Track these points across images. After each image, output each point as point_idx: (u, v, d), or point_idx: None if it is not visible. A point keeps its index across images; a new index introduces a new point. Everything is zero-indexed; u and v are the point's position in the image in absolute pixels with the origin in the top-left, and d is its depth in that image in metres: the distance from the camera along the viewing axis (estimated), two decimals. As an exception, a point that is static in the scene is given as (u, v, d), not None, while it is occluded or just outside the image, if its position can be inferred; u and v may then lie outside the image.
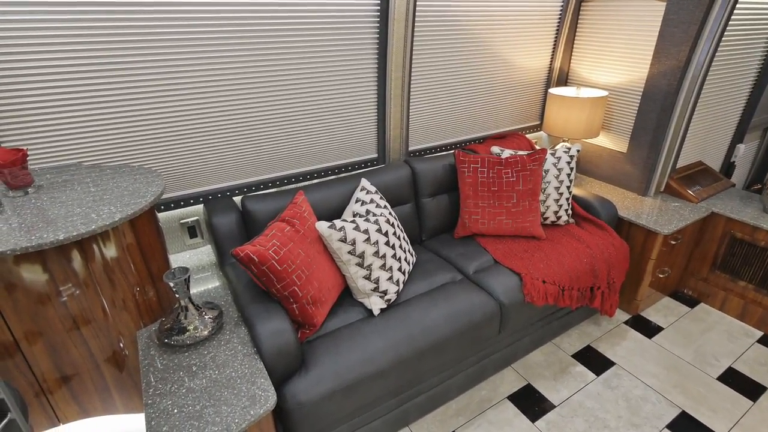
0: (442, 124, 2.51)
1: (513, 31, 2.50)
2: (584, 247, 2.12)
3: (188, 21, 1.58)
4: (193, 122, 1.75)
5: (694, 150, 2.74)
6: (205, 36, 1.64)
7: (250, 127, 1.89)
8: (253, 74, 1.80)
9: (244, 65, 1.76)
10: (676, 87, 2.27)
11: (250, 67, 1.78)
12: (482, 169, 2.15)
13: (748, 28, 2.51)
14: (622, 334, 2.36)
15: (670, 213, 2.36)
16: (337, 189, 1.98)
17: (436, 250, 2.19)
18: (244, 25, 1.69)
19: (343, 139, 2.19)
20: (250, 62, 1.77)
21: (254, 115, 1.88)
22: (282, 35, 1.80)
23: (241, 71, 1.77)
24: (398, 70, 2.12)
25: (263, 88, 1.85)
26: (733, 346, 2.28)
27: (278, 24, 1.77)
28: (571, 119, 2.49)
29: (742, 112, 2.92)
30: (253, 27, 1.72)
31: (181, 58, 1.62)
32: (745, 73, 2.73)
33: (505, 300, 1.84)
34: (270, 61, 1.82)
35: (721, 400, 1.96)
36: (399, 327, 1.62)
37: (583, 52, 2.69)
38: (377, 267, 1.68)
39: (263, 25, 1.73)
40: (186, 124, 1.74)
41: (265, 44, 1.77)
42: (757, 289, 2.35)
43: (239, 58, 1.74)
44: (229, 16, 1.65)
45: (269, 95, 1.88)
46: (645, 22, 2.32)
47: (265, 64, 1.81)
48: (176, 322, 1.41)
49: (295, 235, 1.55)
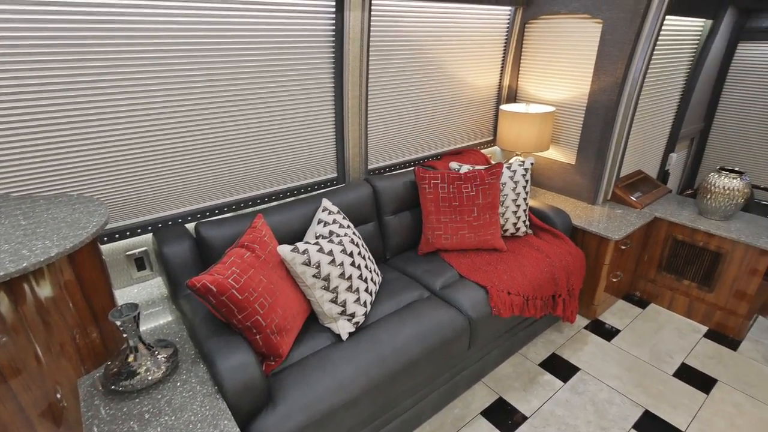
0: (400, 141, 2.52)
1: (463, 51, 2.58)
2: (544, 257, 2.17)
3: (129, 39, 1.49)
4: (139, 146, 1.64)
5: (634, 160, 2.93)
6: (149, 54, 1.55)
7: (203, 149, 1.80)
8: (206, 95, 1.72)
9: (196, 86, 1.68)
10: (615, 101, 2.42)
11: (203, 88, 1.70)
12: (442, 185, 2.17)
13: (673, 47, 2.75)
14: (583, 339, 2.43)
15: (618, 220, 2.49)
16: (298, 210, 1.91)
17: (402, 268, 2.16)
18: (193, 44, 1.62)
19: (302, 159, 2.13)
20: (203, 83, 1.70)
21: (207, 136, 1.79)
22: (235, 56, 1.74)
23: (193, 92, 1.68)
24: (355, 88, 2.12)
25: (217, 109, 1.77)
26: (684, 343, 2.41)
27: (231, 45, 1.71)
28: (523, 134, 2.59)
29: (672, 123, 3.18)
30: (203, 47, 1.65)
31: (125, 77, 1.52)
32: (672, 88, 2.98)
33: (473, 314, 1.83)
34: (224, 82, 1.75)
35: (679, 395, 2.05)
36: (369, 350, 1.56)
37: (530, 70, 2.82)
38: (344, 289, 1.62)
39: (214, 45, 1.67)
40: (132, 147, 1.63)
41: (217, 65, 1.70)
42: (700, 286, 2.51)
43: (190, 78, 1.66)
44: (175, 35, 1.58)
45: (223, 116, 1.80)
46: (585, 41, 2.48)
47: (218, 85, 1.74)
48: (124, 365, 1.27)
49: (256, 260, 1.46)
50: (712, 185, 2.42)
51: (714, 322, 2.51)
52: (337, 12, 1.94)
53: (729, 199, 2.37)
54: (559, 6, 2.52)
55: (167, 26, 1.55)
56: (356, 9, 1.94)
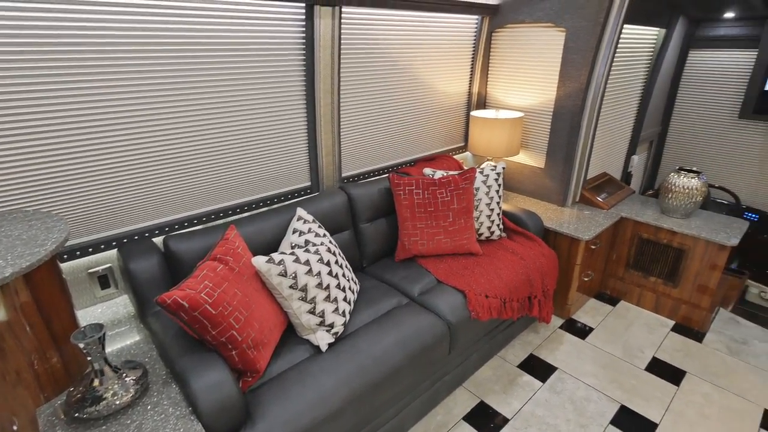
0: (374, 149, 2.52)
1: (433, 58, 2.62)
2: (518, 259, 2.21)
3: (93, 45, 1.42)
4: (101, 157, 1.56)
5: (599, 162, 3.03)
6: (106, 63, 1.48)
7: (170, 159, 1.73)
8: (172, 104, 1.66)
9: (162, 95, 1.62)
10: (580, 107, 2.51)
11: (169, 97, 1.64)
12: (417, 191, 2.17)
13: (632, 54, 2.88)
14: (559, 338, 2.47)
15: (587, 220, 2.57)
16: (272, 220, 1.87)
17: (379, 275, 2.14)
18: (154, 54, 1.57)
19: (275, 168, 2.09)
20: (169, 92, 1.64)
21: (175, 146, 1.73)
22: (202, 64, 1.69)
23: (159, 101, 1.62)
24: (327, 96, 2.10)
25: (184, 118, 1.71)
26: (653, 337, 2.49)
27: (197, 53, 1.66)
28: (493, 139, 2.64)
29: (633, 127, 3.32)
30: (166, 56, 1.60)
31: (82, 86, 1.45)
32: (632, 94, 3.12)
33: (453, 319, 1.83)
34: (191, 91, 1.69)
35: (651, 389, 2.11)
36: (349, 361, 1.53)
37: (498, 77, 2.89)
38: (321, 299, 1.59)
39: (178, 54, 1.62)
40: (93, 159, 1.55)
41: (183, 73, 1.65)
42: (665, 282, 2.61)
43: (155, 87, 1.60)
44: (133, 45, 1.52)
45: (192, 125, 1.75)
46: (549, 49, 2.56)
47: (185, 94, 1.68)
48: (89, 391, 1.19)
49: (230, 273, 1.41)
50: (672, 185, 2.53)
51: (680, 316, 2.61)
52: (307, 19, 1.93)
53: (689, 198, 2.48)
54: (523, 15, 2.60)
55: (126, 35, 1.49)
56: (326, 16, 1.93)
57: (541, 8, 2.51)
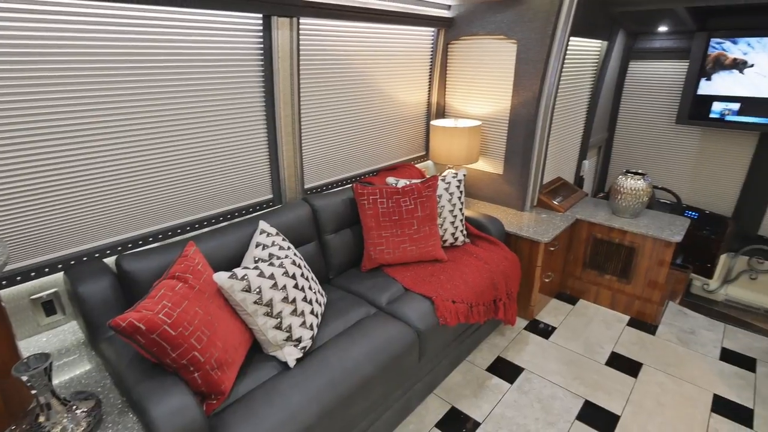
0: (336, 159, 2.51)
1: (392, 69, 2.66)
2: (482, 264, 2.25)
3: (40, 56, 1.34)
4: (46, 173, 1.46)
5: (554, 167, 3.17)
6: (60, 73, 1.40)
7: (124, 174, 1.65)
8: (127, 117, 1.58)
9: (117, 107, 1.54)
10: (534, 115, 2.62)
11: (124, 110, 1.57)
12: (381, 200, 2.18)
13: (579, 65, 3.04)
14: (524, 339, 2.54)
15: (545, 223, 2.66)
16: (234, 235, 1.81)
17: (346, 286, 2.12)
18: (111, 62, 1.50)
19: (235, 181, 2.03)
20: (124, 104, 1.56)
21: (130, 161, 1.64)
22: (158, 76, 1.63)
23: (113, 114, 1.54)
24: (287, 107, 2.08)
25: (140, 132, 1.64)
26: (611, 333, 2.60)
27: (152, 64, 1.60)
28: (453, 147, 2.70)
29: (582, 133, 3.50)
30: (123, 65, 1.53)
31: (30, 98, 1.35)
32: (581, 102, 3.29)
33: (421, 326, 1.84)
34: (146, 103, 1.62)
35: (612, 382, 2.20)
36: (319, 375, 1.50)
37: (455, 87, 2.97)
38: (288, 313, 1.55)
39: (131, 63, 1.55)
40: (35, 175, 1.44)
41: (136, 85, 1.58)
42: (619, 279, 2.75)
43: (110, 99, 1.52)
44: (92, 51, 1.44)
45: (148, 139, 1.67)
46: (503, 60, 2.66)
47: (141, 107, 1.61)
48: (34, 427, 1.10)
49: (190, 291, 1.35)
50: (621, 186, 2.68)
51: (634, 311, 2.75)
52: (264, 30, 1.91)
53: (636, 198, 2.64)
54: (477, 28, 2.70)
55: (73, 45, 1.41)
56: (284, 27, 1.92)
57: (493, 21, 2.61)
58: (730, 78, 3.06)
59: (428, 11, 2.65)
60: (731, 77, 3.06)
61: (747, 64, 2.97)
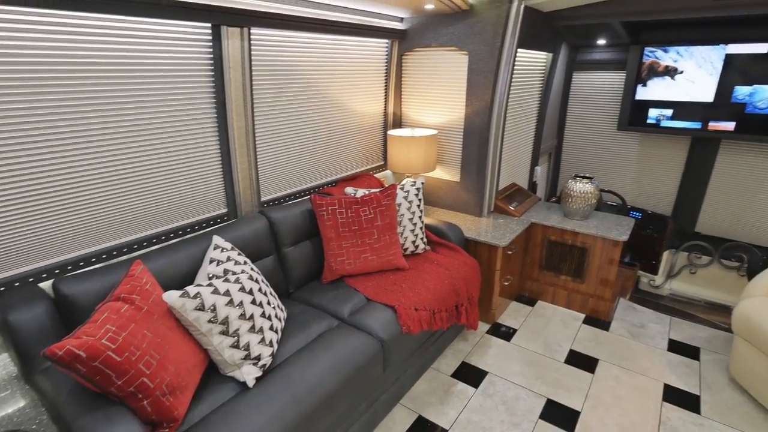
0: (294, 171, 2.47)
1: (348, 80, 2.66)
2: (443, 270, 2.27)
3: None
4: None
5: (508, 174, 3.27)
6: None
7: (62, 191, 1.53)
8: (66, 129, 1.48)
9: (55, 119, 1.44)
10: (487, 123, 2.70)
11: (63, 122, 1.47)
12: (340, 210, 2.16)
13: (527, 75, 3.18)
14: (487, 343, 2.58)
15: (502, 228, 2.74)
16: (185, 251, 1.73)
17: (307, 299, 2.08)
18: (49, 71, 1.40)
19: (186, 196, 1.95)
20: (63, 115, 1.46)
21: (68, 177, 1.54)
22: (102, 86, 1.54)
23: (51, 125, 1.44)
24: (240, 119, 2.03)
25: (81, 145, 1.54)
26: (568, 331, 2.70)
27: (98, 73, 1.51)
28: (411, 156, 2.73)
29: (533, 141, 3.64)
30: (64, 75, 1.43)
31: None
32: (530, 110, 3.43)
33: (385, 336, 1.82)
34: (89, 115, 1.53)
35: (571, 379, 2.27)
36: (280, 393, 1.44)
37: (411, 97, 3.02)
38: (245, 331, 1.49)
39: (77, 73, 1.46)
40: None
41: (78, 95, 1.49)
42: (573, 279, 2.86)
43: (46, 109, 1.42)
44: (28, 60, 1.34)
45: (90, 153, 1.57)
46: (455, 70, 2.74)
47: (82, 118, 1.51)
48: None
49: (137, 313, 1.27)
50: (571, 190, 2.81)
51: (588, 309, 2.87)
52: (213, 40, 1.86)
53: (585, 201, 2.77)
54: (429, 40, 2.76)
55: (6, 54, 1.31)
56: (234, 37, 1.88)
57: (445, 33, 2.69)
58: (663, 84, 3.31)
59: (381, 23, 2.69)
60: (664, 83, 3.31)
61: (677, 70, 3.22)
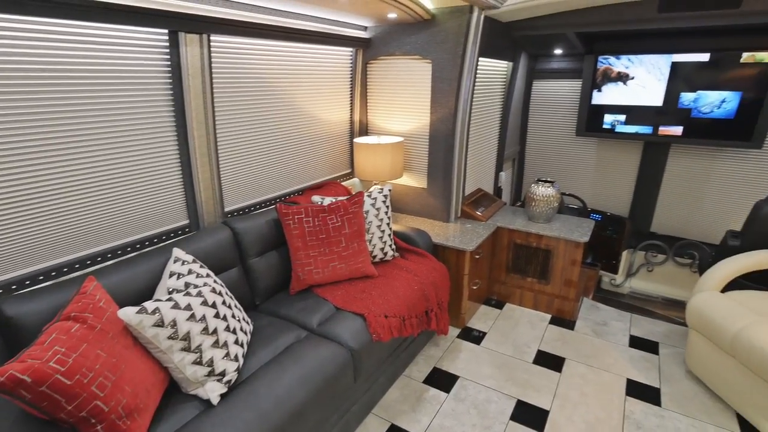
0: (258, 180, 2.42)
1: (313, 88, 2.65)
2: (413, 276, 2.28)
3: None
4: None
5: (474, 180, 3.33)
6: None
7: (3, 205, 1.44)
8: (13, 140, 1.40)
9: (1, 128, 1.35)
10: (452, 130, 2.75)
11: (7, 131, 1.38)
12: (307, 219, 2.13)
13: (489, 83, 3.26)
14: (458, 347, 2.59)
15: (470, 233, 2.78)
16: (143, 266, 1.65)
17: (274, 311, 2.03)
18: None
19: (143, 208, 1.87)
20: (6, 125, 1.37)
21: (12, 190, 1.44)
22: (51, 94, 1.46)
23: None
24: (201, 127, 1.97)
25: (31, 156, 1.45)
26: (536, 332, 2.75)
27: (46, 81, 1.43)
28: (377, 164, 2.74)
29: (497, 147, 3.74)
30: (10, 82, 1.35)
31: None
32: (494, 117, 3.52)
33: (355, 345, 1.80)
34: (37, 125, 1.44)
35: (540, 379, 2.32)
36: (247, 409, 1.39)
37: (376, 105, 3.03)
38: (209, 346, 1.43)
39: (24, 80, 1.38)
40: None
41: (27, 104, 1.40)
42: (539, 281, 2.93)
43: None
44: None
45: (40, 164, 1.48)
46: (420, 78, 2.78)
47: (30, 128, 1.42)
48: None
49: (89, 333, 1.20)
50: (534, 194, 2.89)
51: (554, 309, 2.94)
52: (171, 47, 1.81)
53: (548, 204, 2.85)
54: (393, 48, 2.79)
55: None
56: (193, 44, 1.84)
57: (408, 42, 2.72)
58: (617, 89, 3.49)
59: (345, 32, 2.70)
60: (617, 88, 3.49)
61: (629, 76, 3.41)
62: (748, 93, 3.01)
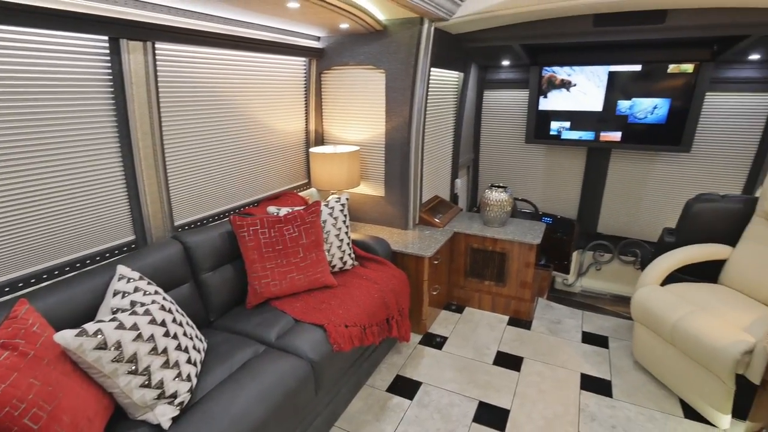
0: (211, 192, 2.34)
1: (266, 98, 2.61)
2: (372, 284, 2.28)
3: None
4: None
5: (431, 187, 3.39)
6: None
7: None
8: None
9: None
10: (407, 138, 2.79)
11: None
12: (263, 230, 2.08)
13: (442, 93, 3.35)
14: (420, 353, 2.61)
15: (428, 239, 2.82)
16: (84, 285, 1.55)
17: (230, 327, 1.96)
18: None
19: (84, 224, 1.76)
20: None
21: None
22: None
23: None
24: (147, 138, 1.89)
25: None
26: (495, 334, 2.82)
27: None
28: (334, 173, 2.73)
29: (452, 155, 3.83)
30: None
31: None
32: (447, 126, 3.61)
33: (315, 356, 1.77)
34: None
35: (500, 380, 2.37)
36: (201, 431, 1.33)
37: (332, 115, 3.03)
38: (158, 367, 1.36)
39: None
40: None
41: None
42: (496, 284, 3.02)
43: None
44: None
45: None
46: (374, 88, 2.81)
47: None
48: None
49: (20, 360, 1.10)
50: (488, 199, 2.98)
51: (511, 311, 3.03)
52: (112, 54, 1.73)
53: (501, 209, 2.95)
54: (347, 58, 2.81)
55: None
56: (136, 52, 1.77)
57: (362, 52, 2.75)
58: (561, 96, 3.69)
59: (298, 41, 2.69)
60: (561, 95, 3.69)
61: (571, 83, 3.62)
62: (676, 101, 3.28)
